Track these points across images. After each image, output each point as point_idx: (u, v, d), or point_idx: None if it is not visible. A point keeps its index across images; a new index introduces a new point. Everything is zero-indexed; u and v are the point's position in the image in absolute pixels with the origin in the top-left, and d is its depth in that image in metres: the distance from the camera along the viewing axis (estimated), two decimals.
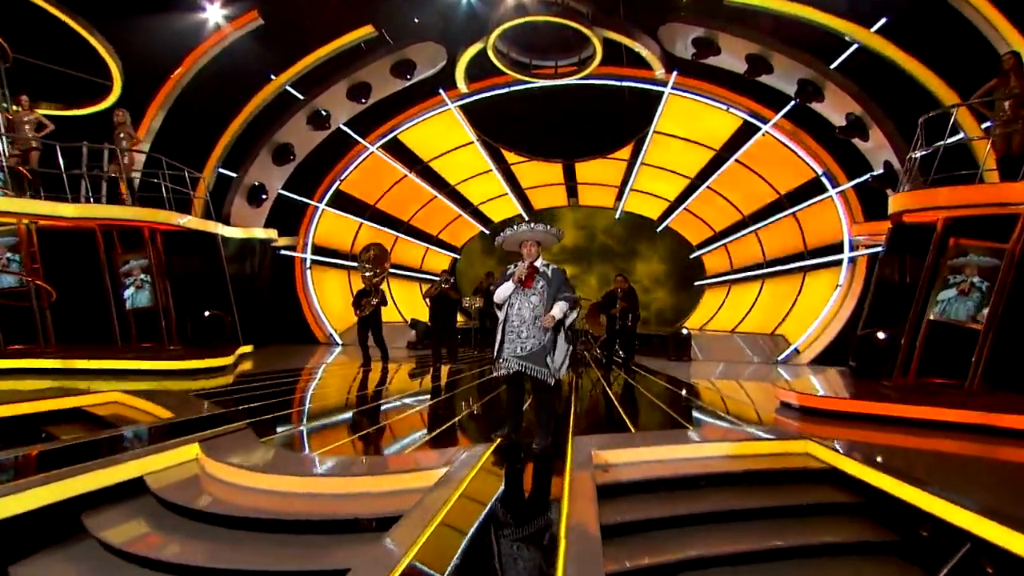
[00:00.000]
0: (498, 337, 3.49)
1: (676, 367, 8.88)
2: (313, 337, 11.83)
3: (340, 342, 11.98)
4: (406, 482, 2.99)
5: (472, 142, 12.19)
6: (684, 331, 10.55)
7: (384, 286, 8.25)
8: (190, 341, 8.22)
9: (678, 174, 12.61)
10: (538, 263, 3.49)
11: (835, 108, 9.09)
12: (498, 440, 3.61)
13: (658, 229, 15.08)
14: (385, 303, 8.00)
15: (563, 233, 3.55)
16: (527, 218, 15.38)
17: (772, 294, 11.84)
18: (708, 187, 12.58)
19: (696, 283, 14.95)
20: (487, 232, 14.33)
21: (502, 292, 3.46)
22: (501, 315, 3.52)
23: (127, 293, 7.68)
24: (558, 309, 3.32)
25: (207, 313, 8.49)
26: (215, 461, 3.26)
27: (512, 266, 3.58)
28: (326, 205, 12.25)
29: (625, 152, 12.20)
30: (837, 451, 3.48)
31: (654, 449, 3.53)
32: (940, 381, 5.38)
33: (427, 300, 8.09)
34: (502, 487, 2.89)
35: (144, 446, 3.42)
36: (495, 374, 3.54)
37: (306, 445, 3.84)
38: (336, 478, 3.03)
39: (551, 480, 3.22)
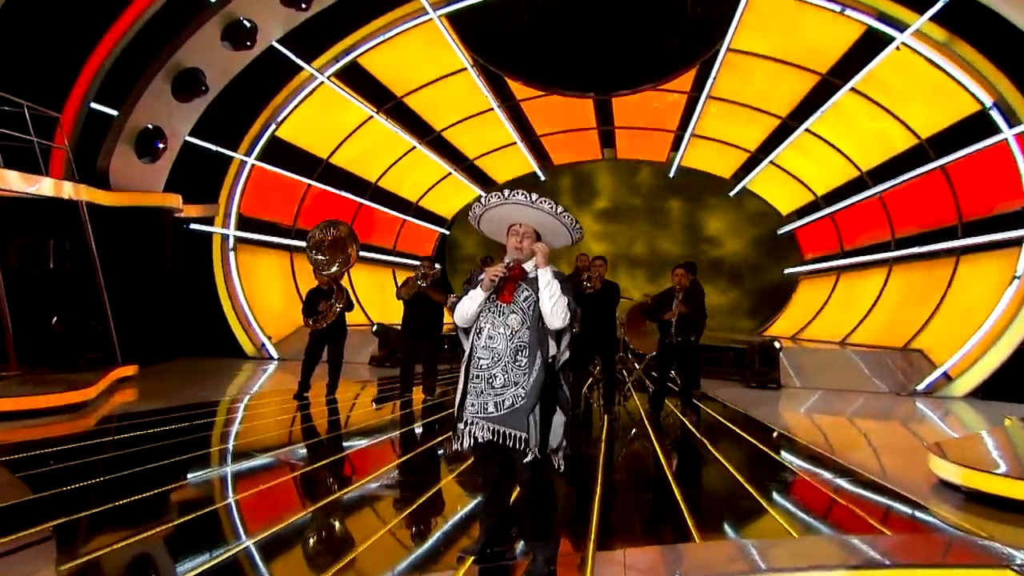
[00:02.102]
0: (459, 385, 3.08)
1: (760, 400, 8.62)
2: (238, 348, 11.67)
3: (276, 356, 11.79)
4: None
5: (465, 68, 11.94)
6: (771, 342, 10.20)
7: (347, 282, 8.01)
8: (39, 362, 8.03)
9: (763, 112, 12.30)
10: (529, 265, 3.11)
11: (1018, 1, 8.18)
12: (468, 562, 3.19)
13: (732, 192, 14.98)
14: (350, 307, 7.77)
15: (582, 231, 3.15)
16: (540, 179, 15.64)
17: (905, 289, 11.58)
18: (807, 130, 12.08)
19: (787, 270, 14.85)
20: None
21: (464, 309, 3.10)
22: (465, 346, 3.14)
23: None
24: (553, 288, 2.96)
25: (55, 321, 8.21)
26: None
27: (482, 267, 3.13)
28: (257, 159, 12.04)
29: (685, 80, 11.85)
30: None
31: None
32: None
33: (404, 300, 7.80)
34: None
35: None
36: (454, 446, 3.12)
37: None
38: None
39: None
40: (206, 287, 11.56)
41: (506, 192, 3.01)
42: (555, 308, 2.94)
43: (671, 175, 15.06)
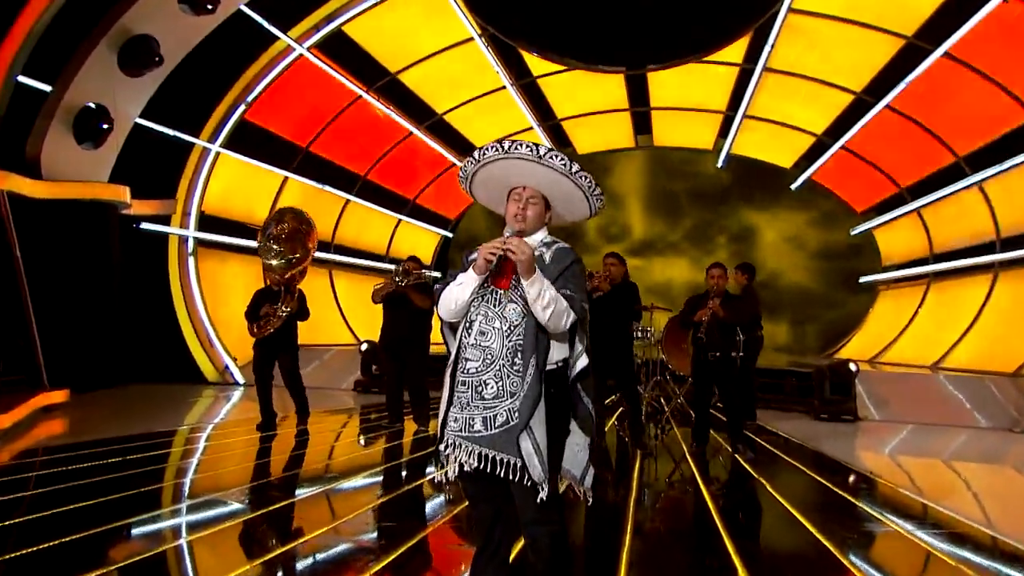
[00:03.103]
0: (444, 393, 2.98)
1: (833, 435, 8.51)
2: (197, 372, 11.77)
3: (241, 380, 11.92)
4: None
5: (472, 39, 12.04)
6: (844, 366, 10.03)
7: (305, 284, 8.09)
8: None
9: (832, 86, 12.17)
10: (536, 238, 3.00)
11: None
12: None
13: (794, 185, 14.98)
14: (304, 315, 7.82)
15: (603, 199, 3.00)
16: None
17: (1015, 300, 11.42)
18: (888, 107, 11.92)
19: (863, 278, 14.77)
20: None
21: (451, 298, 2.99)
22: (451, 347, 3.04)
23: None
24: (546, 298, 2.82)
25: None
26: None
27: (474, 249, 3.01)
28: (223, 146, 12.17)
29: (735, 51, 11.77)
30: None
31: None
32: None
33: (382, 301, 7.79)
34: None
35: None
36: (434, 474, 3.03)
37: None
38: None
39: None
40: (159, 299, 11.62)
41: (507, 144, 2.83)
42: (553, 316, 2.79)
43: (720, 164, 15.03)
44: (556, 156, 2.84)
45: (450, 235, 16.75)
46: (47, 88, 9.81)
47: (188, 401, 9.97)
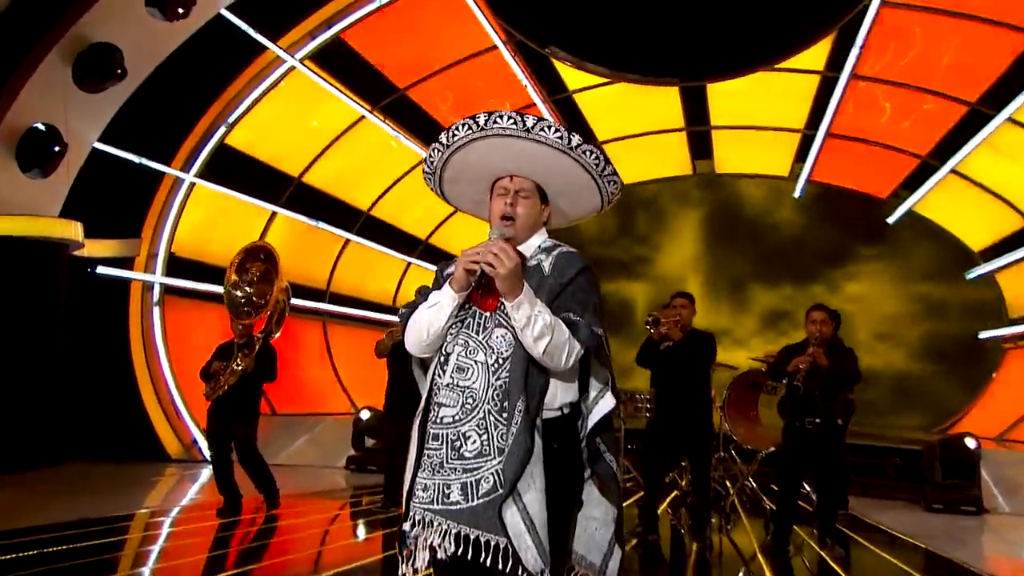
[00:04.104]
0: (411, 453, 2.89)
1: (952, 531, 8.34)
2: (158, 447, 11.70)
3: (211, 456, 11.65)
4: None
5: (495, 47, 12.05)
6: (962, 443, 9.83)
7: (294, 340, 8.47)
8: None
9: (938, 95, 11.93)
10: (531, 244, 2.92)
11: None
12: None
13: (891, 218, 14.69)
14: (266, 374, 7.86)
15: (619, 184, 2.91)
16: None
17: None
18: (1011, 119, 11.61)
19: (984, 334, 14.33)
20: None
21: (422, 325, 2.91)
22: (422, 389, 2.98)
23: None
24: (537, 327, 2.69)
25: None
26: None
27: (453, 260, 2.96)
28: (198, 176, 12.22)
29: (815, 55, 11.58)
30: None
31: None
32: None
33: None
34: None
35: None
36: (400, 570, 2.87)
37: None
38: None
39: None
40: (115, 357, 11.57)
41: (483, 117, 2.71)
42: (549, 350, 2.63)
43: (797, 194, 14.81)
44: (550, 128, 2.70)
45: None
46: None
47: (143, 482, 9.96)
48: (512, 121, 2.68)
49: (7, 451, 9.44)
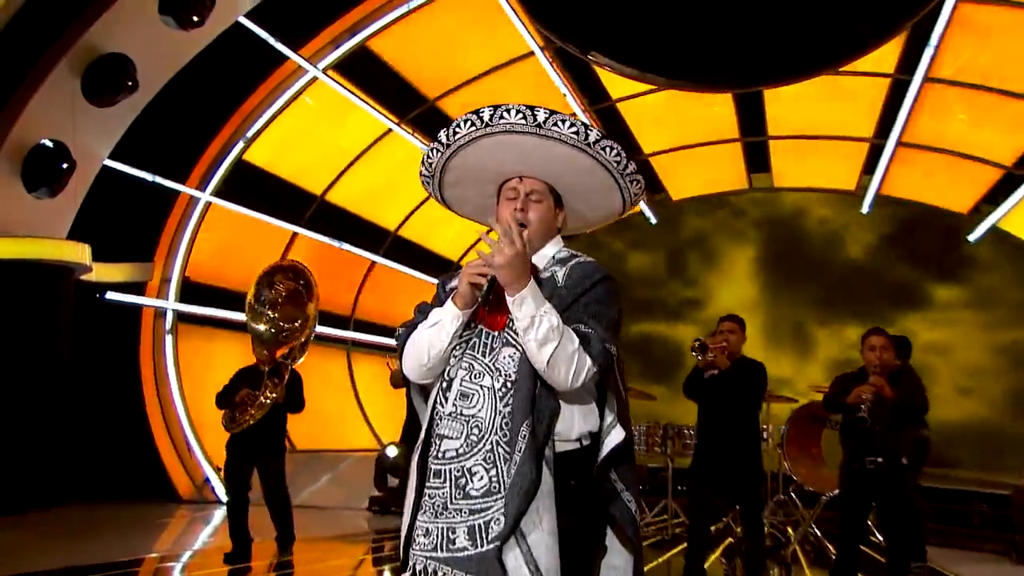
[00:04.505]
0: (409, 492, 2.84)
1: None
2: (167, 486, 11.69)
3: (225, 499, 11.71)
4: None
5: (531, 53, 12.11)
6: None
7: (311, 368, 8.46)
8: None
9: (1021, 97, 11.68)
10: (545, 254, 2.87)
11: None
12: None
13: (973, 235, 14.41)
14: (296, 405, 7.87)
15: (642, 185, 2.84)
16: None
17: None
18: None
19: None
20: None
21: (421, 348, 2.83)
22: (422, 420, 2.94)
23: None
24: (542, 330, 2.59)
25: None
26: None
27: (456, 273, 2.93)
28: (215, 194, 12.33)
29: (884, 57, 11.49)
30: None
31: None
32: None
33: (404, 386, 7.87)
34: None
35: None
36: None
37: None
38: None
39: None
40: (124, 389, 11.62)
41: (487, 112, 2.66)
42: (555, 359, 2.55)
43: (865, 209, 14.59)
44: (564, 121, 2.63)
45: None
46: None
47: (151, 524, 9.98)
48: (521, 115, 2.61)
49: (7, 490, 9.45)
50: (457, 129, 2.71)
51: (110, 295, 11.44)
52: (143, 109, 10.75)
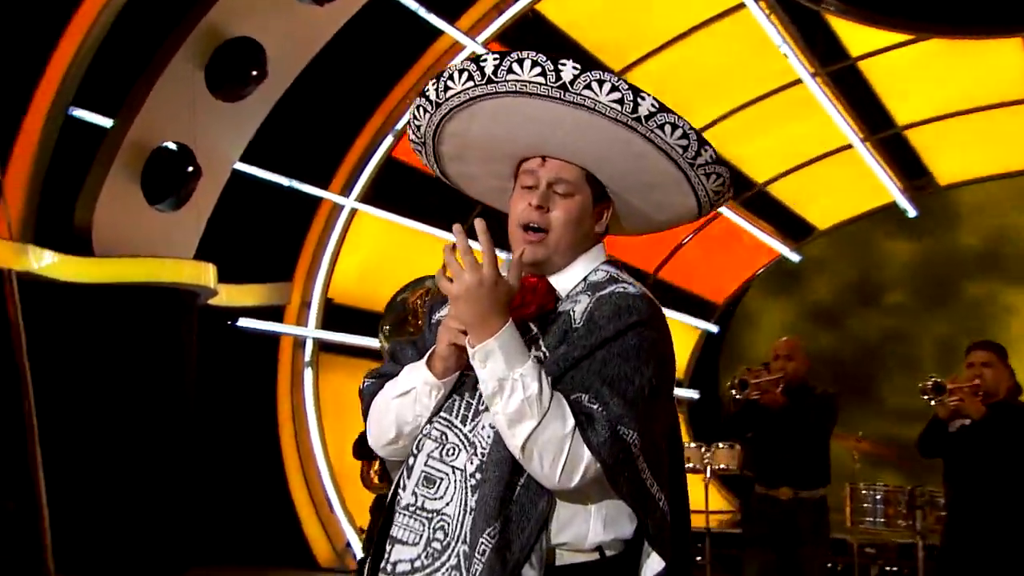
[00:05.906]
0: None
1: None
2: (304, 551, 11.25)
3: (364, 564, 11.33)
4: None
5: (742, 5, 11.61)
6: None
7: None
8: None
9: None
10: (574, 273, 2.34)
11: None
12: None
13: None
14: None
15: (726, 179, 2.29)
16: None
17: None
18: None
19: None
20: (790, 258, 15.55)
21: (385, 416, 2.40)
22: (391, 490, 2.60)
23: None
24: (510, 383, 2.10)
25: None
26: None
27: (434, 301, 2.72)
28: (361, 199, 11.96)
29: None
30: None
31: None
32: None
33: None
34: None
35: None
36: None
37: None
38: None
39: None
40: (258, 434, 11.26)
41: (490, 64, 2.13)
42: (530, 447, 2.04)
43: None
44: (602, 83, 2.06)
45: (715, 329, 15.65)
46: (106, 122, 9.75)
47: None
48: (538, 71, 2.06)
49: (121, 556, 9.06)
50: (449, 83, 2.19)
51: (242, 322, 11.08)
52: (275, 102, 10.47)
